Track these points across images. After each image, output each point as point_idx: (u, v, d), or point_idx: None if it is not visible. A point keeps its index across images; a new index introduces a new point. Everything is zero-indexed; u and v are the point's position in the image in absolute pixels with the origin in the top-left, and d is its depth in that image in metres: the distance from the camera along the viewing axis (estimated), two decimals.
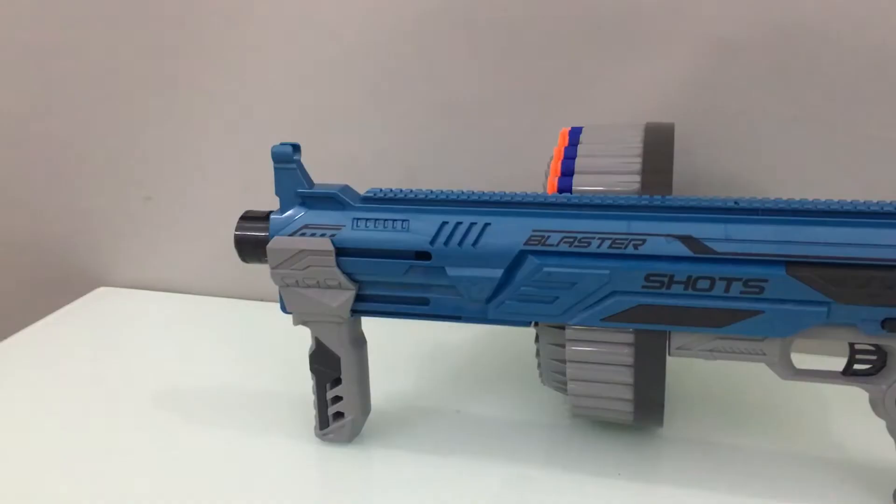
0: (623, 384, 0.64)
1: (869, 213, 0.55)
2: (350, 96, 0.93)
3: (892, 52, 0.75)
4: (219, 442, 0.73)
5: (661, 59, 0.81)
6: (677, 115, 0.79)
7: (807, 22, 0.76)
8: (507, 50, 0.86)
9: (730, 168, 0.83)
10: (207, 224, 1.04)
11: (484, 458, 0.69)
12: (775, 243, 0.56)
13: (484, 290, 0.62)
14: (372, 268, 0.64)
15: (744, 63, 0.79)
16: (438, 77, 0.89)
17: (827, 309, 0.56)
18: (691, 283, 0.58)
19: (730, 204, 0.58)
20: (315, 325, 0.68)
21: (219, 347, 0.92)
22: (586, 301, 0.60)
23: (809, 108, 0.79)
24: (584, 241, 0.59)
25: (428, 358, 0.88)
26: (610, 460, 0.69)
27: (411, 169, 0.93)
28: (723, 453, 0.69)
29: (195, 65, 0.97)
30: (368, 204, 0.64)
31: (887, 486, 0.62)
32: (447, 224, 0.62)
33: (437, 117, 0.91)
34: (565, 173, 0.65)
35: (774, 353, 0.59)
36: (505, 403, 0.78)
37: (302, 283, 0.65)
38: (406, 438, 0.73)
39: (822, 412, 0.75)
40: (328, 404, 0.70)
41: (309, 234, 0.64)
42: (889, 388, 0.58)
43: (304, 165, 0.65)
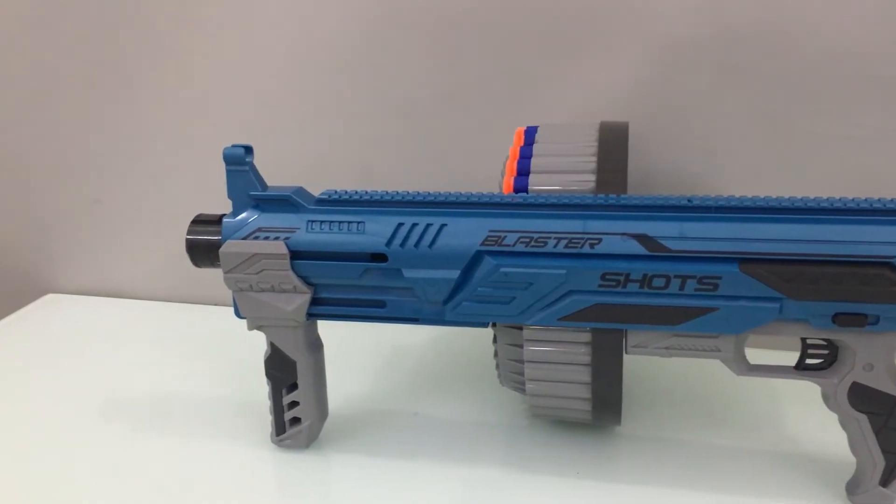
0: (581, 383, 0.64)
1: (818, 210, 0.56)
2: (304, 97, 0.92)
3: (840, 51, 0.76)
4: (172, 450, 0.71)
5: (615, 58, 0.82)
6: (631, 114, 0.80)
7: (757, 22, 0.77)
8: (461, 50, 0.86)
9: (683, 166, 0.84)
10: (158, 228, 1.02)
11: (443, 461, 0.69)
12: (728, 241, 0.56)
13: (441, 291, 0.61)
14: (327, 270, 0.63)
15: (696, 62, 0.80)
16: (393, 77, 0.88)
17: (779, 305, 0.57)
18: (647, 281, 0.58)
19: (683, 202, 0.58)
20: (270, 329, 0.67)
21: (171, 354, 0.90)
22: (543, 301, 0.60)
23: (760, 107, 0.80)
24: (540, 240, 0.59)
25: (385, 360, 0.88)
26: (569, 459, 0.69)
27: (366, 170, 0.92)
28: (680, 449, 0.70)
29: (144, 67, 0.95)
30: (323, 206, 0.64)
31: (840, 478, 0.63)
32: (403, 225, 0.61)
33: (392, 118, 0.90)
34: (521, 173, 0.65)
35: (729, 349, 0.60)
36: (463, 405, 0.78)
37: (256, 287, 0.64)
38: (364, 442, 0.72)
39: (776, 407, 0.76)
40: (284, 410, 0.69)
41: (262, 237, 0.63)
42: (840, 382, 0.59)
43: (256, 167, 0.64)
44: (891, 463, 0.59)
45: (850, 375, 0.58)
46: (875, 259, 0.54)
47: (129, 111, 0.98)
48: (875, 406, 0.58)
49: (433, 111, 0.89)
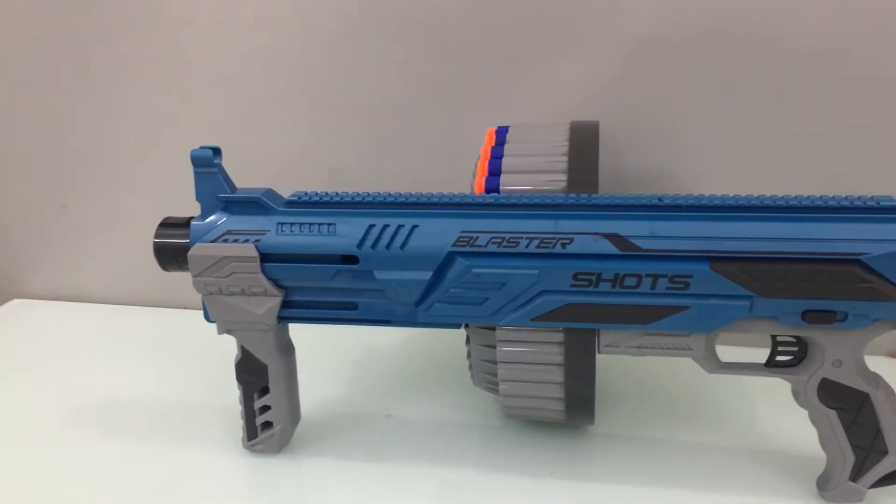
0: (554, 383, 0.64)
1: (788, 209, 0.56)
2: (273, 98, 0.91)
3: (808, 50, 0.77)
4: (142, 456, 0.70)
5: (585, 58, 0.82)
6: (602, 113, 0.80)
7: (726, 22, 0.78)
8: (431, 50, 0.85)
9: (654, 165, 0.84)
10: (126, 231, 1.01)
11: (417, 463, 0.69)
12: (699, 239, 0.57)
13: (413, 292, 0.61)
14: (298, 273, 0.63)
15: (665, 62, 0.80)
16: (364, 77, 0.88)
17: (749, 303, 0.57)
18: (618, 280, 0.58)
19: (654, 201, 0.58)
20: (240, 333, 0.66)
21: (140, 359, 0.89)
22: (516, 301, 0.60)
23: (730, 106, 0.81)
24: (512, 241, 0.59)
25: (358, 363, 0.87)
26: (542, 459, 0.69)
27: (337, 171, 0.91)
28: (653, 447, 0.70)
29: (111, 68, 0.94)
30: (293, 208, 0.63)
31: (811, 473, 0.64)
32: (374, 227, 0.61)
33: (363, 118, 0.90)
34: (492, 173, 0.65)
35: (700, 347, 0.60)
36: (437, 406, 0.78)
37: (226, 290, 0.63)
38: (337, 446, 0.71)
39: (748, 404, 0.76)
40: (256, 414, 0.68)
41: (232, 239, 0.62)
42: (810, 379, 0.59)
43: (225, 169, 0.63)
44: (860, 458, 0.59)
45: (819, 372, 0.59)
46: (843, 256, 0.55)
47: (95, 113, 0.96)
48: (844, 402, 0.59)
49: (404, 111, 0.88)
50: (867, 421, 0.59)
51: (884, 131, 0.78)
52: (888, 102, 0.77)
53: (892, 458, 0.59)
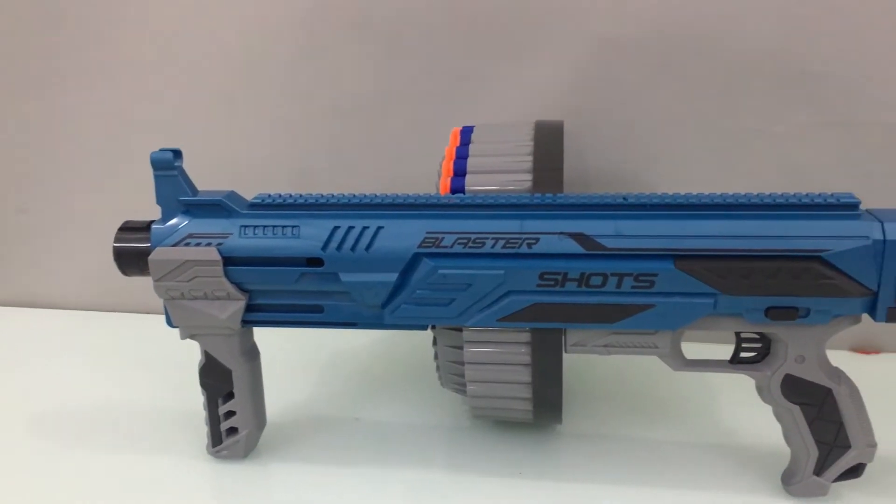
0: (521, 383, 0.64)
1: (750, 206, 0.57)
2: (235, 98, 0.90)
3: (764, 49, 0.78)
4: (106, 464, 0.69)
5: (549, 58, 0.82)
6: (566, 112, 0.80)
7: (686, 22, 0.79)
8: (396, 50, 0.85)
9: (619, 164, 0.85)
10: (86, 236, 0.99)
11: (385, 465, 0.68)
12: (663, 238, 0.57)
13: (379, 294, 0.61)
14: (262, 276, 0.62)
15: (629, 61, 0.81)
16: (327, 77, 0.87)
17: (714, 300, 0.57)
18: (584, 279, 0.58)
19: (619, 200, 0.59)
20: (204, 338, 0.65)
21: (101, 365, 0.88)
22: (482, 302, 0.60)
23: (692, 104, 0.82)
24: (478, 241, 0.59)
25: (324, 366, 0.87)
26: (511, 459, 0.69)
27: (301, 173, 0.91)
28: (620, 445, 0.71)
29: (70, 70, 0.92)
30: (256, 210, 0.62)
31: (776, 468, 0.65)
32: (339, 229, 0.60)
33: (326, 119, 0.89)
34: (457, 173, 0.65)
35: (666, 345, 0.60)
36: (405, 408, 0.77)
37: (188, 294, 0.62)
38: (304, 450, 0.71)
39: (713, 400, 0.77)
40: (221, 420, 0.67)
41: (194, 243, 0.61)
42: (774, 375, 0.60)
43: (186, 172, 0.62)
44: (824, 452, 0.60)
45: (782, 368, 0.60)
46: (805, 253, 0.55)
47: (53, 116, 0.94)
48: (807, 397, 0.60)
49: (368, 112, 0.88)
50: (830, 416, 0.59)
51: (838, 128, 0.80)
52: (842, 99, 0.79)
53: (855, 451, 0.59)
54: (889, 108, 0.78)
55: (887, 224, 0.55)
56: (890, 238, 0.54)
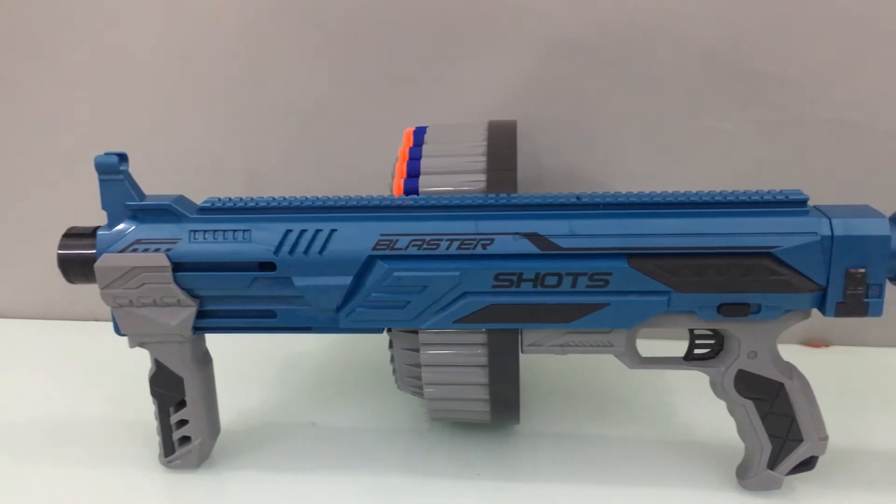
0: (478, 385, 0.64)
1: (701, 204, 0.58)
2: (182, 100, 0.88)
3: (716, 48, 0.79)
4: (54, 478, 0.67)
5: (501, 58, 0.82)
6: (519, 112, 0.80)
7: (637, 22, 0.79)
8: (347, 50, 0.84)
9: (571, 163, 0.85)
10: (30, 242, 0.96)
11: (343, 471, 0.68)
12: (617, 237, 0.57)
13: (333, 298, 0.60)
14: (213, 282, 0.61)
15: (581, 61, 0.81)
16: (278, 78, 0.86)
17: (667, 298, 0.58)
18: (539, 279, 0.58)
19: (573, 200, 0.59)
20: (154, 346, 0.63)
21: (47, 375, 0.85)
22: (438, 304, 0.59)
23: (643, 104, 0.82)
24: (432, 243, 0.58)
25: (279, 371, 0.85)
26: (470, 461, 0.69)
27: (252, 176, 0.89)
28: (578, 444, 0.71)
29: (8, 70, 0.89)
30: (206, 214, 0.61)
31: (730, 463, 0.65)
32: (291, 232, 0.59)
33: (278, 120, 0.88)
34: (411, 174, 0.64)
35: (621, 343, 0.61)
36: (362, 412, 0.77)
37: (136, 302, 0.61)
38: (260, 457, 0.70)
39: (668, 397, 0.78)
40: (173, 429, 0.66)
41: (141, 249, 0.60)
42: (727, 370, 0.61)
43: (132, 176, 0.61)
44: (777, 446, 0.61)
45: (735, 363, 0.60)
46: (755, 250, 0.56)
47: None
48: (760, 392, 0.60)
49: (320, 113, 0.87)
50: (782, 410, 0.60)
51: (786, 125, 0.81)
52: (789, 97, 0.80)
53: (807, 445, 0.60)
54: (835, 106, 0.80)
55: (835, 220, 0.56)
56: (838, 234, 0.55)
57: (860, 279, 0.56)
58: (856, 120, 0.80)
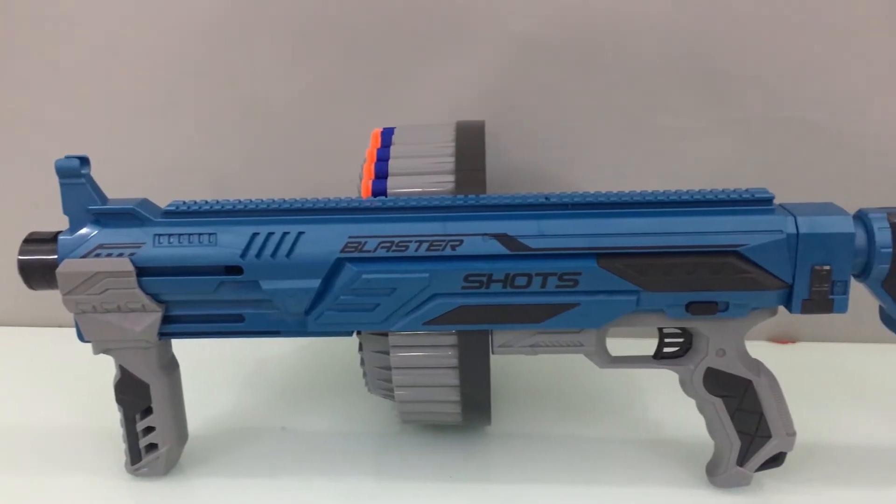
0: (449, 386, 0.64)
1: (669, 203, 0.58)
2: (146, 102, 0.87)
3: (681, 47, 0.80)
4: (18, 489, 0.66)
5: (468, 58, 0.82)
6: (487, 113, 0.80)
7: (607, 19, 0.80)
8: (314, 50, 0.84)
9: (540, 164, 0.85)
10: None
11: (315, 475, 0.67)
12: (586, 237, 0.57)
13: (301, 302, 0.59)
14: (178, 286, 0.60)
15: (548, 61, 0.82)
16: (243, 79, 0.85)
17: (636, 297, 0.58)
18: (509, 280, 0.58)
19: (541, 200, 0.59)
20: (119, 352, 0.62)
21: (9, 383, 0.84)
22: (408, 306, 0.59)
23: (611, 103, 0.83)
24: (401, 244, 0.58)
25: (248, 375, 0.84)
26: (442, 463, 0.68)
27: (218, 178, 0.88)
28: (550, 444, 0.71)
29: None
30: (171, 218, 0.60)
31: (700, 460, 0.66)
32: (258, 235, 0.59)
33: (243, 122, 0.87)
34: (379, 176, 0.64)
35: (591, 343, 0.61)
36: (332, 415, 0.76)
37: (100, 308, 0.60)
38: (229, 463, 0.69)
39: (639, 396, 0.78)
40: (139, 436, 0.64)
41: (104, 254, 0.59)
42: (696, 368, 0.61)
43: (94, 180, 0.60)
44: (746, 443, 0.61)
45: (704, 361, 0.61)
46: (722, 248, 0.56)
47: None
48: (729, 389, 0.61)
49: (286, 114, 0.86)
50: (751, 407, 0.61)
51: (750, 124, 0.82)
52: (753, 96, 0.81)
53: (776, 441, 0.61)
54: (799, 105, 0.81)
55: (800, 218, 0.56)
56: (803, 232, 0.56)
57: (825, 276, 0.56)
58: (820, 119, 0.81)
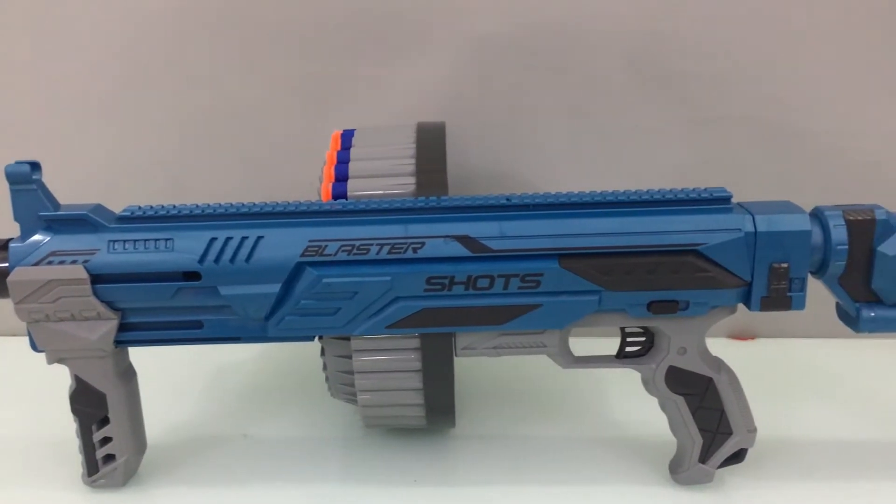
0: (413, 390, 0.64)
1: (628, 203, 0.58)
2: (100, 105, 0.85)
3: (640, 48, 0.80)
4: None
5: (427, 58, 0.82)
6: (447, 114, 0.80)
7: (567, 20, 0.80)
8: (273, 51, 0.83)
9: (502, 164, 0.85)
10: None
11: (278, 482, 0.66)
12: (547, 237, 0.57)
13: (261, 307, 0.58)
14: (135, 294, 0.58)
15: (507, 61, 0.82)
16: (199, 81, 0.84)
17: (598, 297, 0.58)
18: (471, 282, 0.58)
19: (502, 201, 0.59)
20: (74, 361, 0.61)
21: None
22: (370, 310, 0.59)
23: (570, 103, 0.83)
24: (362, 248, 0.57)
25: (209, 381, 0.83)
26: (406, 467, 0.68)
27: (174, 182, 0.87)
28: (514, 445, 0.71)
29: None
30: (126, 224, 0.59)
31: (664, 458, 0.66)
32: (216, 240, 0.58)
33: (201, 125, 0.86)
34: (339, 178, 0.64)
35: (554, 344, 0.61)
36: (295, 421, 0.75)
37: (53, 316, 0.58)
38: (190, 472, 0.68)
39: (602, 395, 0.78)
40: (96, 447, 0.63)
41: (57, 261, 0.57)
42: (658, 367, 0.61)
43: (45, 185, 0.58)
44: (708, 440, 0.62)
45: (666, 360, 0.61)
46: (682, 247, 0.57)
47: None
48: (690, 387, 0.61)
49: (244, 117, 0.85)
50: (712, 404, 0.61)
51: (708, 124, 0.83)
52: (710, 96, 0.82)
53: (737, 438, 0.61)
54: (754, 104, 0.82)
55: (758, 216, 0.57)
56: (761, 230, 0.57)
57: (783, 273, 0.57)
58: (776, 118, 0.82)
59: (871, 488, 0.64)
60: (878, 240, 0.57)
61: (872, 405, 0.75)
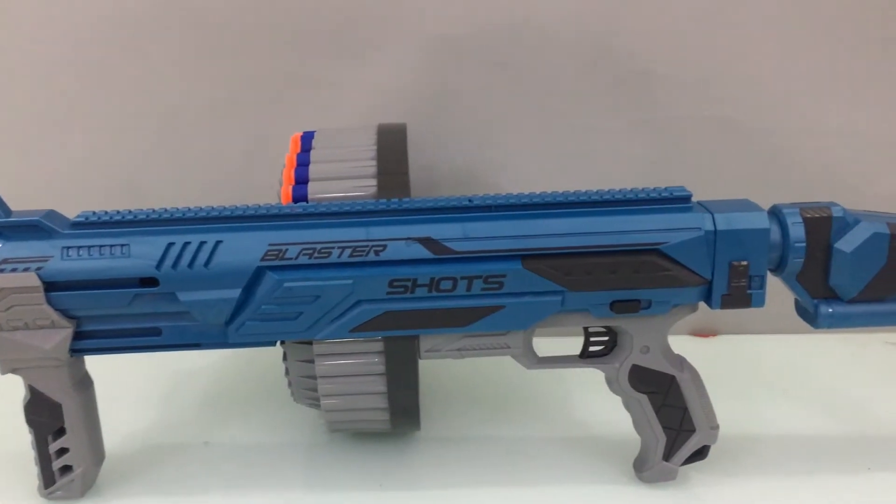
0: (377, 393, 0.63)
1: (591, 203, 0.58)
2: (52, 107, 0.83)
3: (601, 48, 0.81)
4: None
5: (387, 59, 0.82)
6: (408, 115, 0.80)
7: (527, 20, 0.80)
8: (230, 52, 0.82)
9: (464, 166, 0.85)
10: None
11: (241, 490, 0.65)
12: (510, 238, 0.57)
13: (221, 313, 0.58)
14: (90, 301, 0.57)
15: (467, 61, 0.82)
16: (154, 82, 0.82)
17: (561, 298, 0.58)
18: (434, 284, 0.57)
19: (464, 202, 0.58)
20: (27, 371, 0.59)
21: None
22: (332, 313, 0.58)
23: (532, 104, 0.83)
24: (324, 251, 0.57)
25: (168, 388, 0.81)
26: (371, 471, 0.67)
27: (130, 187, 0.85)
28: (479, 446, 0.71)
29: None
30: (80, 229, 0.58)
31: (628, 456, 0.66)
32: (174, 245, 0.57)
33: (158, 127, 0.84)
34: (299, 181, 0.63)
35: (518, 345, 0.61)
36: (257, 427, 0.74)
37: (6, 325, 0.57)
38: (150, 482, 0.66)
39: (566, 395, 0.78)
40: (52, 458, 0.61)
41: (9, 269, 0.56)
42: (621, 366, 0.62)
43: None
44: (671, 438, 0.62)
45: (629, 359, 0.61)
46: (643, 247, 0.57)
47: None
48: (654, 386, 0.62)
49: (203, 118, 0.84)
50: (675, 402, 0.62)
51: (667, 124, 0.83)
52: (669, 96, 0.82)
53: (699, 435, 0.62)
54: (713, 104, 0.82)
55: (717, 215, 0.58)
56: (720, 228, 0.57)
57: (743, 271, 0.58)
58: (734, 117, 0.83)
59: (833, 483, 0.65)
60: (835, 237, 0.58)
61: (832, 400, 0.77)
